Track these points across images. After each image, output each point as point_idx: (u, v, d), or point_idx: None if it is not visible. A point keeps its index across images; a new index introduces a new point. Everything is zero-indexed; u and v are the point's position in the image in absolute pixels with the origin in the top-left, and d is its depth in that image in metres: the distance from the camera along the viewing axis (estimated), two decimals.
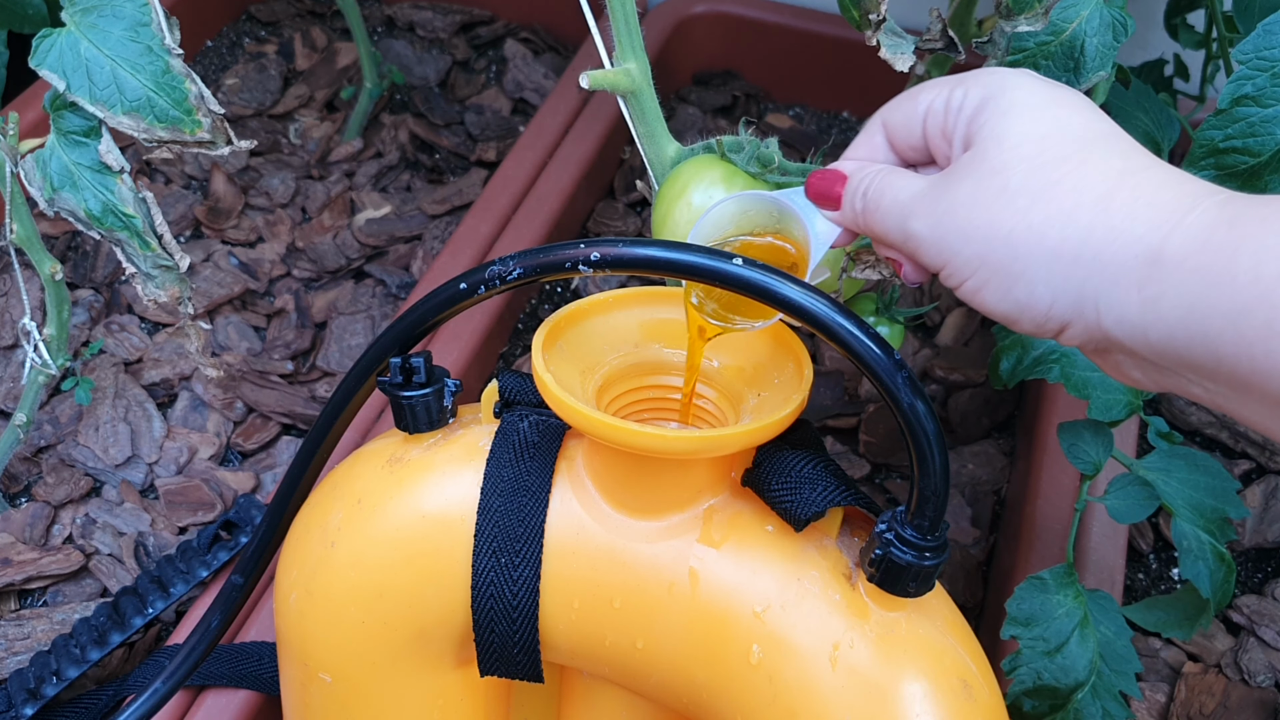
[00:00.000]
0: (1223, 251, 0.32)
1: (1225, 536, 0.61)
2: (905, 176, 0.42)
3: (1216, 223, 0.33)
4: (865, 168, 0.44)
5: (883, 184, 0.42)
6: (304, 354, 0.93)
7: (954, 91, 0.41)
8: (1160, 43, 0.89)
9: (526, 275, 0.43)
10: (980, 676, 0.45)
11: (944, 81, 0.42)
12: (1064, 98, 0.39)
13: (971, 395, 0.89)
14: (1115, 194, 0.35)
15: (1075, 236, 0.35)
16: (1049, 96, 0.39)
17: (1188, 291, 0.33)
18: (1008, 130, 0.38)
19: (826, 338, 0.40)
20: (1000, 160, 0.38)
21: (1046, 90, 0.39)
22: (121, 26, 0.59)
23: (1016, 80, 0.39)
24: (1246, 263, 0.31)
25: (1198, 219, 0.33)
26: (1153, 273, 0.33)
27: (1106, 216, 0.35)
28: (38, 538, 0.79)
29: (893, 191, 0.41)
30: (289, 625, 0.50)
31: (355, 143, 1.10)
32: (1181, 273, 0.33)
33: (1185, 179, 0.36)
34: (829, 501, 0.43)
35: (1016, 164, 0.37)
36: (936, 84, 0.42)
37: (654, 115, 0.55)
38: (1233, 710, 0.72)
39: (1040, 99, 0.38)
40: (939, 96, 0.41)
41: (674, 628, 0.45)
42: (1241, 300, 0.31)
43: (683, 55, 1.15)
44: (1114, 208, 0.35)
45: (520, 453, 0.47)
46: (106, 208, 0.61)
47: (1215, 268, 0.32)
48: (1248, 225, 0.32)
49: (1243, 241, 0.32)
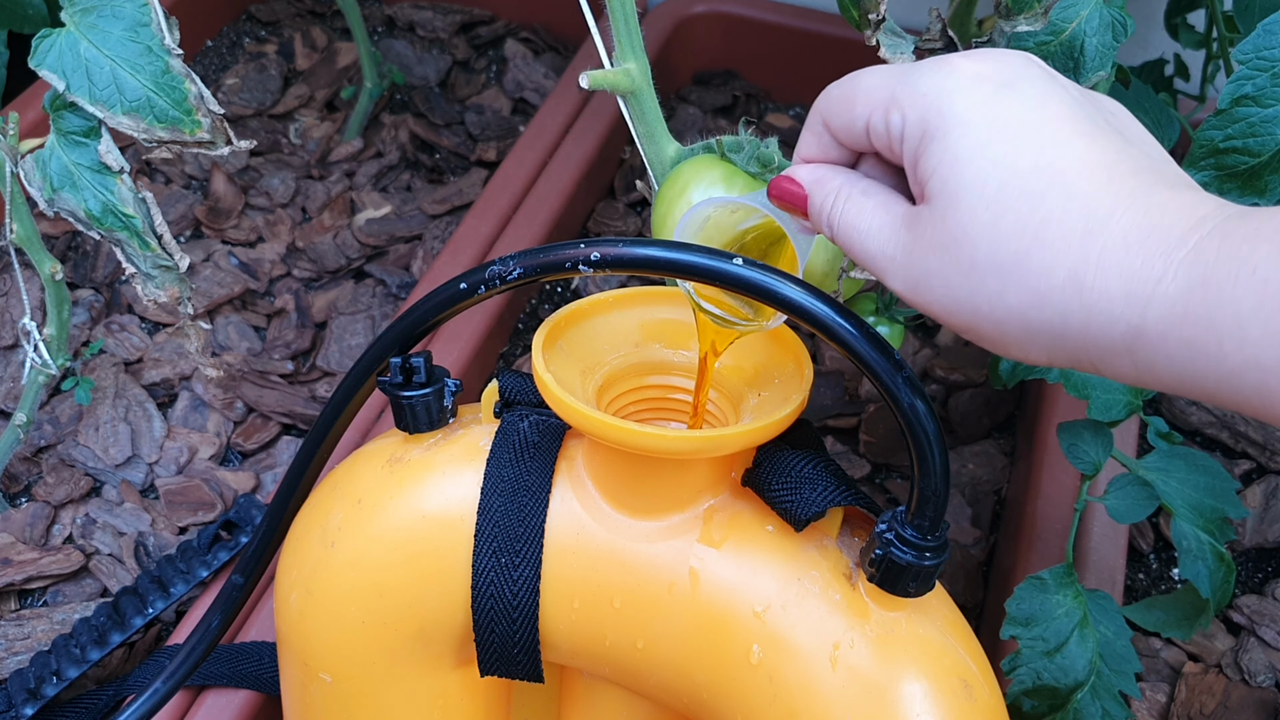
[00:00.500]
0: (1202, 321, 0.31)
1: (1225, 536, 0.61)
2: (869, 210, 0.39)
3: (1191, 288, 0.32)
4: (824, 183, 0.41)
5: (846, 218, 0.39)
6: (304, 354, 0.93)
7: (890, 115, 0.38)
8: (1160, 42, 0.89)
9: (526, 275, 0.43)
10: (980, 676, 0.45)
11: (878, 92, 0.38)
12: (1007, 115, 0.35)
13: (972, 395, 0.89)
14: (1083, 271, 0.33)
15: (1055, 319, 0.34)
16: (990, 124, 0.35)
17: (1177, 361, 0.32)
18: (958, 191, 0.35)
19: (826, 338, 0.40)
20: (959, 228, 0.35)
21: (987, 113, 0.35)
22: (121, 26, 0.59)
23: (952, 106, 0.36)
24: (1228, 328, 0.31)
25: (1171, 287, 0.32)
26: (1140, 347, 0.33)
27: (1080, 297, 0.33)
28: (38, 538, 0.79)
29: (859, 233, 0.39)
30: (289, 625, 0.50)
31: (355, 142, 1.10)
32: (1167, 347, 0.32)
33: (1154, 212, 0.33)
34: (829, 501, 0.43)
35: (977, 234, 0.35)
36: (871, 93, 0.38)
37: (654, 115, 0.55)
38: (1233, 710, 0.72)
39: (982, 134, 0.35)
40: (876, 116, 0.38)
41: (674, 628, 0.45)
42: (1231, 366, 0.31)
43: (683, 55, 1.15)
44: (1086, 284, 0.33)
45: (520, 453, 0.47)
46: (106, 208, 0.61)
47: (1198, 340, 0.32)
48: (1223, 286, 0.31)
49: (1221, 307, 0.31)
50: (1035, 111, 0.35)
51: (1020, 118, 0.35)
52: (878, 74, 0.39)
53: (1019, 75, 0.36)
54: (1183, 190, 0.34)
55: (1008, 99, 0.36)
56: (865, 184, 0.40)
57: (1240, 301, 0.31)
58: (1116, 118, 0.37)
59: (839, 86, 0.40)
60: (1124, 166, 0.35)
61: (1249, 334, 0.31)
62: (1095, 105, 0.37)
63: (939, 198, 0.36)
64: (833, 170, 0.41)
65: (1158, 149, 0.37)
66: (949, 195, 0.35)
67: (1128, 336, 0.33)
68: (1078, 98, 0.36)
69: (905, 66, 0.38)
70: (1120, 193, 0.34)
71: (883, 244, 0.38)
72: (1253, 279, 0.31)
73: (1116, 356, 0.34)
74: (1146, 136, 0.38)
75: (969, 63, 0.37)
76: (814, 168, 0.41)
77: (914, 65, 0.38)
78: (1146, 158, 0.36)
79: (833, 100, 0.40)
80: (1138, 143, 0.37)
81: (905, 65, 0.39)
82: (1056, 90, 0.36)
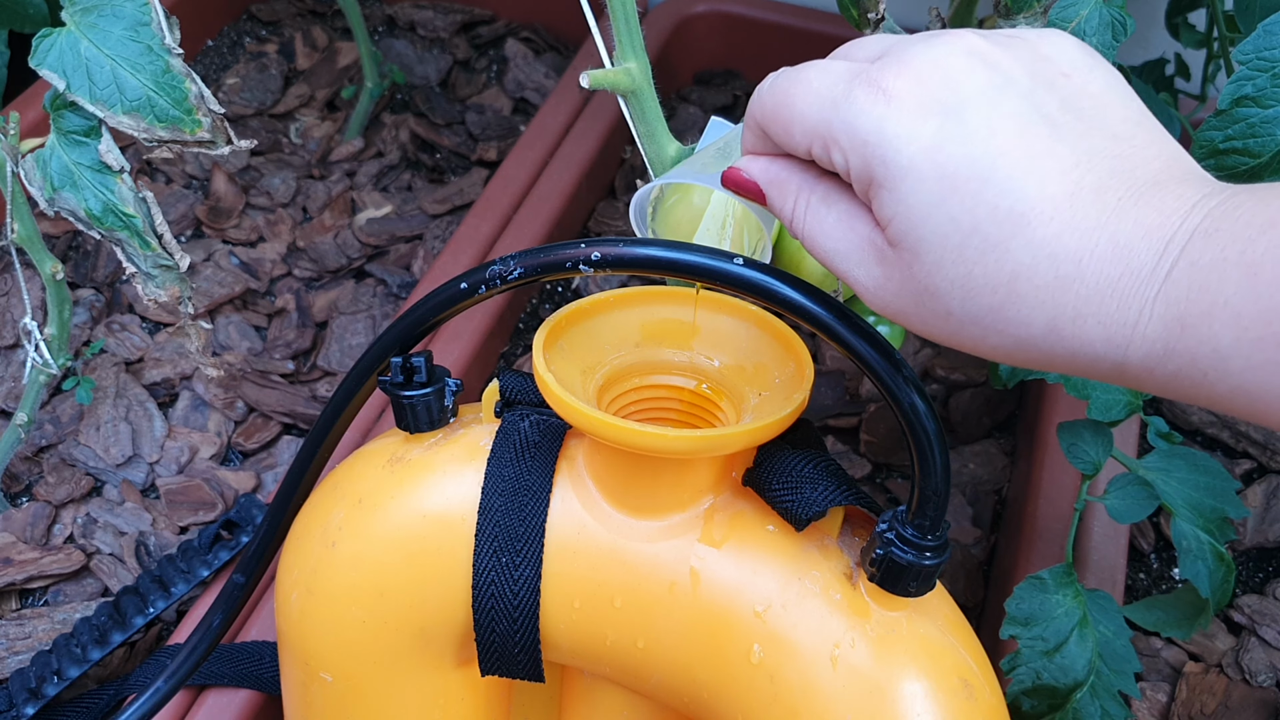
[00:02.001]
0: (1184, 357, 0.32)
1: (1225, 536, 0.61)
2: (831, 223, 0.37)
3: (1168, 327, 0.32)
4: (781, 187, 0.39)
5: (809, 229, 0.38)
6: (305, 353, 0.93)
7: (831, 153, 0.36)
8: (1161, 42, 0.89)
9: (527, 275, 0.43)
10: (981, 676, 0.45)
11: (813, 121, 0.36)
12: (957, 170, 0.33)
13: (972, 395, 0.89)
14: (1060, 320, 0.33)
15: (1040, 358, 0.34)
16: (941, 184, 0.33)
17: (1168, 389, 0.33)
18: (919, 240, 0.34)
19: (827, 337, 0.40)
20: (930, 280, 0.34)
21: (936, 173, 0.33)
22: (121, 26, 0.59)
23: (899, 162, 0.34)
24: (1210, 362, 0.31)
25: (1149, 329, 0.32)
26: (1127, 377, 0.33)
27: (1061, 343, 0.33)
28: (39, 537, 0.79)
29: (826, 247, 0.37)
30: (290, 625, 0.50)
31: (356, 142, 1.10)
32: (1155, 379, 0.33)
33: (1121, 256, 0.32)
34: (830, 501, 0.43)
35: (948, 290, 0.34)
36: (806, 120, 0.36)
37: (654, 115, 0.55)
38: (1234, 710, 0.72)
39: (934, 190, 0.33)
40: (817, 147, 0.36)
41: (675, 627, 0.45)
42: (1219, 394, 0.32)
43: (683, 55, 1.15)
44: (1065, 334, 0.33)
45: (521, 452, 0.47)
46: (107, 207, 0.61)
47: (1184, 374, 0.32)
48: (1199, 325, 0.31)
49: (1200, 344, 0.31)
50: (984, 145, 0.33)
51: (971, 161, 0.33)
52: (810, 93, 0.36)
53: (964, 94, 0.34)
54: (1150, 198, 0.33)
55: (954, 138, 0.33)
56: (823, 189, 0.37)
57: (1218, 338, 0.31)
58: (1074, 90, 0.35)
59: (771, 96, 0.37)
60: (1088, 183, 0.33)
61: (1231, 367, 0.31)
62: (1049, 90, 0.35)
63: (902, 247, 0.35)
64: (787, 168, 0.38)
65: (1122, 113, 0.35)
66: (911, 248, 0.34)
67: (1114, 371, 0.33)
68: (1027, 94, 0.34)
69: (841, 81, 0.36)
70: (1086, 227, 0.32)
71: (853, 268, 0.37)
72: (1225, 313, 0.30)
73: (1108, 379, 0.34)
74: (1109, 97, 0.35)
75: (906, 83, 0.34)
76: (768, 163, 0.39)
77: (849, 85, 0.35)
78: (1109, 155, 0.34)
79: (768, 114, 0.38)
80: (1099, 122, 0.35)
81: (840, 75, 0.36)
82: (1005, 102, 0.34)
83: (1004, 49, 0.35)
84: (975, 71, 0.34)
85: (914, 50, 0.35)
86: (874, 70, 0.35)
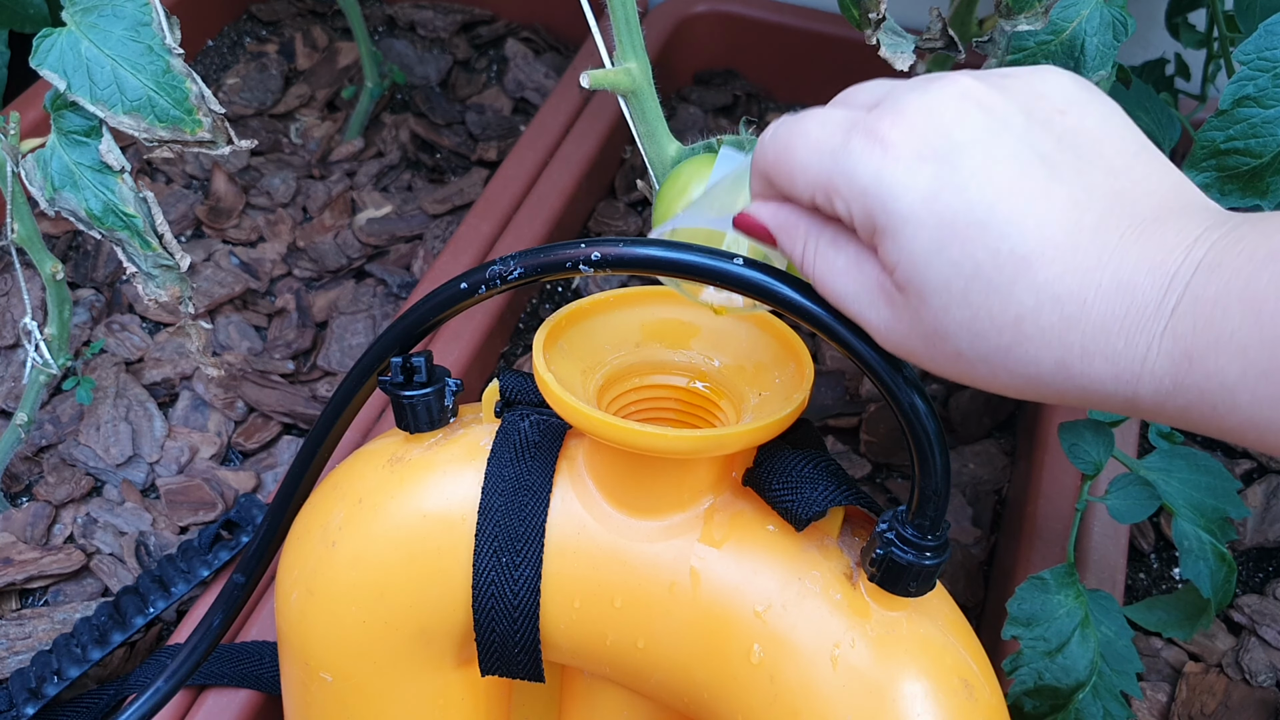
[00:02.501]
0: (1193, 392, 0.32)
1: (1226, 536, 0.61)
2: (841, 267, 0.37)
3: (1176, 363, 0.32)
4: (789, 232, 0.39)
5: (822, 276, 0.38)
6: (305, 353, 0.93)
7: (834, 201, 0.36)
8: (1161, 42, 0.89)
9: (527, 275, 0.43)
10: (981, 676, 0.45)
11: (814, 172, 0.36)
12: (955, 217, 0.34)
13: (973, 395, 0.89)
14: (1069, 359, 0.33)
15: (1050, 394, 0.35)
16: (941, 232, 0.34)
17: (1178, 421, 0.33)
18: (924, 286, 0.34)
19: (827, 337, 0.40)
20: (937, 323, 0.35)
21: (935, 220, 0.34)
22: (122, 26, 0.59)
23: (898, 210, 0.34)
24: (1219, 397, 0.31)
25: (1157, 365, 0.32)
26: (1138, 411, 0.34)
27: (1072, 381, 0.34)
28: (39, 537, 0.79)
29: (836, 290, 0.38)
30: (290, 625, 0.50)
31: (356, 142, 1.10)
32: (1165, 413, 0.33)
33: (1125, 293, 0.32)
34: (830, 501, 0.43)
35: (956, 332, 0.34)
36: (808, 171, 0.37)
37: (655, 115, 0.55)
38: (1234, 710, 0.72)
39: (935, 238, 0.34)
40: (820, 197, 0.37)
41: (675, 627, 0.45)
42: (1229, 426, 0.32)
43: (683, 55, 1.15)
44: (1074, 371, 0.33)
45: (521, 452, 0.47)
46: (107, 207, 0.61)
47: (1194, 408, 0.32)
48: (1206, 359, 0.31)
49: (1208, 378, 0.31)
50: (980, 191, 0.34)
51: (969, 207, 0.33)
52: (810, 144, 0.37)
53: (957, 139, 0.34)
54: (1151, 233, 0.33)
55: (950, 185, 0.34)
56: (831, 233, 0.38)
57: (1225, 372, 0.31)
58: (1069, 127, 0.35)
59: (774, 147, 0.38)
60: (1087, 221, 0.33)
61: (1239, 401, 0.31)
62: (1045, 129, 0.35)
63: (909, 291, 0.35)
64: (795, 213, 0.39)
65: (1119, 145, 0.35)
66: (917, 293, 0.35)
67: (1127, 406, 0.34)
68: (1023, 135, 0.34)
69: (839, 131, 0.36)
70: (1087, 266, 0.33)
71: (863, 309, 0.37)
72: (1230, 346, 0.31)
73: (1123, 413, 0.35)
74: (1105, 130, 0.36)
75: (901, 132, 0.35)
76: (776, 208, 0.39)
77: (846, 134, 0.36)
78: (1108, 192, 0.34)
79: (770, 165, 0.38)
80: (1096, 158, 0.35)
81: (838, 125, 0.36)
82: (1000, 146, 0.34)
83: (998, 90, 0.35)
84: (969, 116, 0.35)
85: (909, 98, 0.35)
86: (870, 119, 0.36)
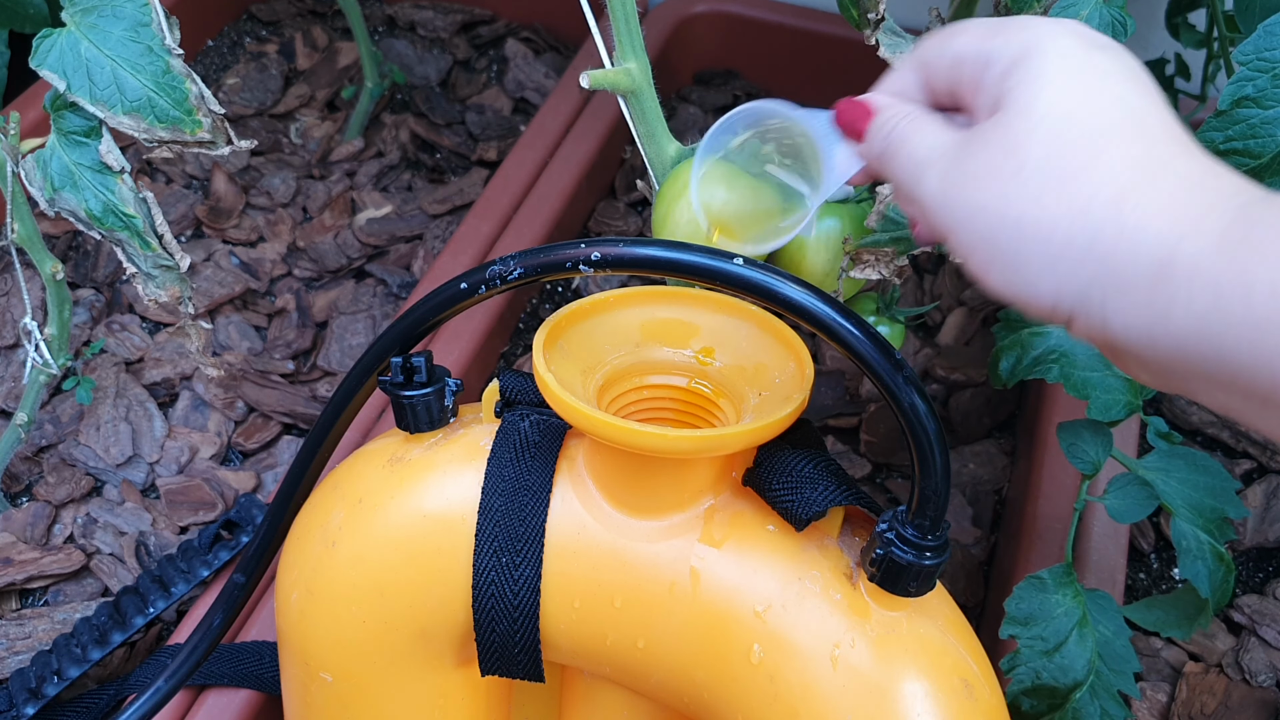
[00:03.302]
0: (1237, 262, 0.31)
1: (1225, 536, 0.61)
2: (931, 128, 0.41)
3: (1231, 231, 0.32)
4: (895, 106, 0.42)
5: (906, 130, 0.41)
6: (305, 353, 0.93)
7: (991, 41, 0.39)
8: (1161, 42, 0.89)
9: (527, 275, 0.43)
10: (981, 676, 0.45)
11: (982, 26, 0.40)
12: (1100, 63, 0.37)
13: (972, 395, 0.89)
14: (1130, 193, 0.34)
15: (1085, 233, 0.34)
16: (1084, 62, 0.37)
17: (1200, 303, 0.32)
18: (1033, 101, 0.37)
19: (827, 337, 0.40)
20: (1021, 137, 0.36)
21: (1083, 53, 0.37)
22: (122, 26, 0.59)
23: (1053, 40, 0.38)
24: (1264, 275, 0.30)
25: (1212, 225, 0.32)
26: (1163, 282, 0.33)
27: (1119, 216, 0.34)
28: (39, 537, 0.79)
29: (913, 143, 0.40)
30: (290, 624, 0.50)
31: (356, 142, 1.10)
32: (1194, 284, 0.32)
33: (1209, 175, 0.34)
34: (830, 501, 0.43)
35: (1036, 144, 0.36)
36: (974, 27, 0.40)
37: (654, 115, 0.55)
38: (1234, 710, 0.72)
39: (1074, 64, 0.37)
40: (974, 43, 0.40)
41: (675, 627, 0.45)
42: (1259, 315, 0.31)
43: (683, 55, 1.15)
44: (1127, 208, 0.34)
45: (521, 452, 0.47)
46: (107, 208, 0.61)
47: (1229, 280, 0.31)
48: (1266, 236, 0.31)
49: (1259, 254, 0.31)
50: (1121, 65, 0.37)
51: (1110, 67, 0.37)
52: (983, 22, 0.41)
53: (1112, 43, 0.38)
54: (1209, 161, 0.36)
55: (1102, 52, 0.38)
56: (933, 115, 0.41)
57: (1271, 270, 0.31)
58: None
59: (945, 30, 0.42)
60: (1184, 135, 0.36)
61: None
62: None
63: (1009, 108, 0.37)
64: (906, 101, 0.43)
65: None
66: (1022, 108, 0.37)
67: (1155, 266, 0.33)
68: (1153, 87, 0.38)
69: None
70: (1178, 149, 0.35)
71: (930, 147, 0.39)
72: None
73: (1134, 294, 0.34)
74: None
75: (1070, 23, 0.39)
76: (890, 97, 0.43)
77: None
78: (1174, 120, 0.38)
79: (935, 39, 0.42)
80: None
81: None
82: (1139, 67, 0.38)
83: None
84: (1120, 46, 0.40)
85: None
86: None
